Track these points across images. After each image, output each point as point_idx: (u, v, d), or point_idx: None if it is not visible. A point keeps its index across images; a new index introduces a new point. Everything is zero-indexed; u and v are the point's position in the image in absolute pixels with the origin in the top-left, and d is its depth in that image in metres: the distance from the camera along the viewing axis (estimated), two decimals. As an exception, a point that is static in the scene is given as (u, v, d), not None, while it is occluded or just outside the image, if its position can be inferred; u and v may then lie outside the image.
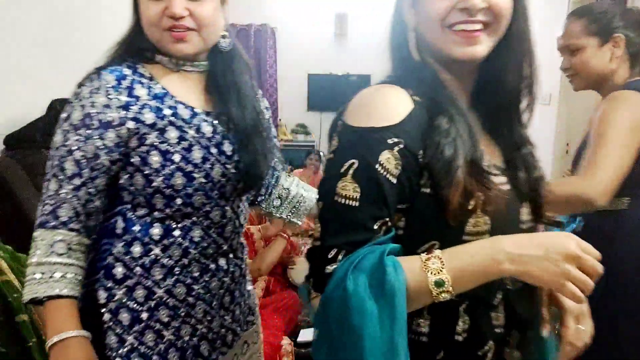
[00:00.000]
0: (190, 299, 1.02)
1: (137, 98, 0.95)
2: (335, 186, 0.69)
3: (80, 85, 0.97)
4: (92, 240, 1.00)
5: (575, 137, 3.81)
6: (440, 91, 0.75)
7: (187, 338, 1.02)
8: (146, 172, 0.95)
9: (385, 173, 0.68)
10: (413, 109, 0.72)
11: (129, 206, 1.00)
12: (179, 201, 0.97)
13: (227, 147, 1.03)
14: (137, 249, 0.98)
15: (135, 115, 0.94)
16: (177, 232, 0.99)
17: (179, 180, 0.96)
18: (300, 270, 3.40)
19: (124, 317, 0.98)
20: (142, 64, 1.00)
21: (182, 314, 1.01)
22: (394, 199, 0.69)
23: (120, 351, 0.97)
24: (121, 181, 0.98)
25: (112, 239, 0.99)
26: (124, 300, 0.98)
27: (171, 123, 0.96)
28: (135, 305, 0.98)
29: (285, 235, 2.60)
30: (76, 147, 0.93)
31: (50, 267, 0.92)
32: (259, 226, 2.96)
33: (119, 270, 0.98)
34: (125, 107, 0.94)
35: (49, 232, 0.93)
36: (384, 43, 0.82)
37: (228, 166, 1.02)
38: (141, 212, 0.99)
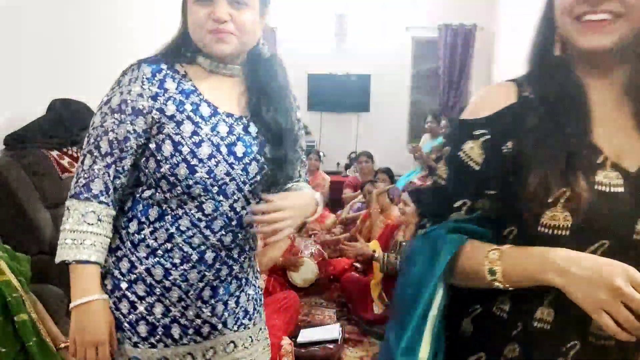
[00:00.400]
0: (167, 282, 1.08)
1: (166, 90, 1.05)
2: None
3: (123, 73, 1.07)
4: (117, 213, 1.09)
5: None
6: (562, 85, 0.77)
7: (158, 316, 1.09)
8: (158, 158, 1.04)
9: (467, 160, 0.79)
10: (513, 104, 0.78)
11: (139, 188, 1.10)
12: (179, 189, 1.05)
13: (239, 149, 1.09)
14: (133, 226, 1.09)
15: (160, 106, 1.04)
16: (168, 218, 1.07)
17: (182, 170, 1.03)
18: (301, 270, 3.41)
19: (108, 282, 1.08)
20: (180, 64, 1.10)
21: (157, 292, 1.08)
22: (476, 184, 0.79)
23: None
24: (140, 163, 1.08)
25: (118, 214, 1.10)
26: (110, 268, 1.09)
27: (189, 118, 1.05)
28: (119, 274, 1.08)
29: (290, 235, 2.60)
30: (111, 129, 1.04)
31: (81, 235, 1.02)
32: None
33: (114, 241, 1.09)
34: (154, 97, 1.04)
35: (82, 203, 1.03)
36: (384, 43, 0.83)
37: (235, 166, 1.07)
38: (147, 193, 1.08)
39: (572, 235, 0.71)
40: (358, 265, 3.55)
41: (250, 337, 1.24)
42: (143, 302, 1.08)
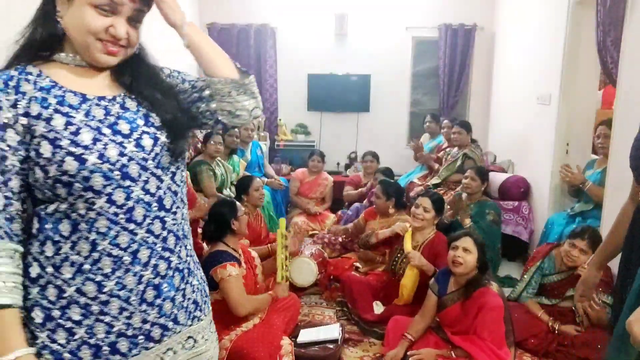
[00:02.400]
0: (103, 296, 1.01)
1: (24, 94, 0.98)
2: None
3: None
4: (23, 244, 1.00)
5: (575, 137, 3.81)
6: None
7: (101, 335, 1.01)
8: (41, 163, 0.96)
9: None
10: None
11: (42, 205, 1.01)
12: (77, 186, 0.97)
13: (124, 127, 1.03)
14: (48, 248, 1.00)
15: (24, 110, 0.97)
16: (83, 226, 0.99)
17: (71, 164, 0.95)
18: (300, 270, 3.41)
19: (37, 314, 0.99)
20: (32, 64, 1.03)
21: (95, 311, 1.01)
22: None
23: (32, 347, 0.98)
24: (29, 180, 0.99)
25: (30, 239, 1.01)
26: (37, 299, 1.00)
27: (57, 111, 0.98)
28: (48, 303, 1.00)
29: (273, 294, 2.65)
30: None
31: None
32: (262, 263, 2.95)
33: (35, 270, 1.00)
34: (14, 105, 0.97)
35: None
36: (384, 43, 0.82)
37: (126, 145, 1.02)
38: (51, 208, 1.00)
39: None
40: (358, 265, 3.55)
41: (206, 328, 1.20)
42: (82, 325, 1.00)
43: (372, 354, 2.72)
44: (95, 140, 0.98)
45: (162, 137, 1.06)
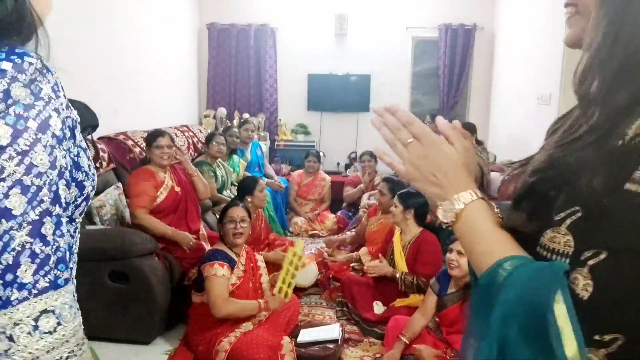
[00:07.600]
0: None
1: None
2: None
3: (34, 80, 0.74)
4: None
5: (575, 137, 3.81)
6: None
7: None
8: None
9: None
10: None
11: None
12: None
13: None
14: None
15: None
16: None
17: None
18: (301, 271, 3.40)
19: None
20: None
21: None
22: None
23: None
24: None
25: None
26: None
27: None
28: None
29: (263, 304, 2.55)
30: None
31: None
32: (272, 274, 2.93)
33: None
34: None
35: None
36: (384, 43, 0.79)
37: None
38: None
39: None
40: (355, 265, 3.55)
41: None
42: None
43: (372, 354, 2.72)
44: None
45: None
